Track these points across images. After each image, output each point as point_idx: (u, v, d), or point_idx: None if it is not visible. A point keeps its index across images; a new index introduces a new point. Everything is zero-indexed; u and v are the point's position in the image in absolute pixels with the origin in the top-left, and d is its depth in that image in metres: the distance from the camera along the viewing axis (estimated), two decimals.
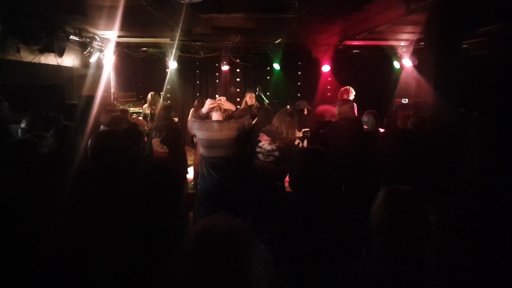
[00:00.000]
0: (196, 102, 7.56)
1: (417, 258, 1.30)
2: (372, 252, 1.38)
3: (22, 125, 3.92)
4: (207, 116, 4.13)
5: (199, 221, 1.09)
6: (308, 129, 6.67)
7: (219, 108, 4.05)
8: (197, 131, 4.05)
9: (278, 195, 3.94)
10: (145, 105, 8.04)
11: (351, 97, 6.40)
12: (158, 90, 8.41)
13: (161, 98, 8.29)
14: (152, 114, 7.63)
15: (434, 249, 1.30)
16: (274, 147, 3.96)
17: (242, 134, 4.09)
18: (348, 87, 6.62)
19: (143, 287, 1.70)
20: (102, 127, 4.34)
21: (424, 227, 1.31)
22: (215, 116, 4.06)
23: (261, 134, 4.06)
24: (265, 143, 4.00)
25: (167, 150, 4.84)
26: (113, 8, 4.95)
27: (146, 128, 7.15)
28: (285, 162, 3.99)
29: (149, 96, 7.96)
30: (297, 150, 2.45)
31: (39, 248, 1.66)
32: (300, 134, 7.16)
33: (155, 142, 4.88)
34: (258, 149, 4.02)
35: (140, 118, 7.45)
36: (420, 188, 1.41)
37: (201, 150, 4.12)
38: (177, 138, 5.05)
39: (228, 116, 4.30)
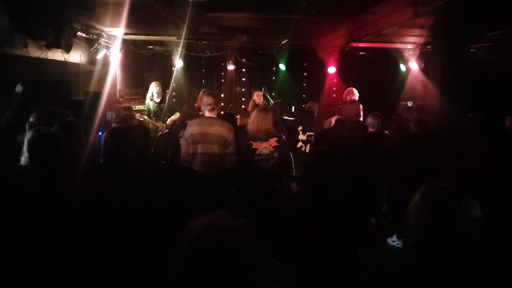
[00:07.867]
0: (201, 93, 7.06)
1: (453, 256, 1.28)
2: (407, 248, 1.35)
3: (31, 119, 3.90)
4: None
5: (198, 218, 1.09)
6: (313, 133, 6.69)
7: (212, 106, 4.11)
8: (190, 127, 4.08)
9: (279, 196, 3.98)
10: (150, 101, 7.30)
11: (355, 98, 6.47)
12: (163, 88, 8.28)
13: (167, 96, 7.93)
14: (159, 106, 7.10)
15: (473, 248, 1.27)
16: (272, 149, 3.96)
17: (232, 135, 4.06)
18: (351, 88, 6.71)
19: (141, 284, 1.71)
20: (113, 124, 4.35)
21: (463, 226, 1.28)
22: (208, 113, 4.14)
23: (252, 142, 3.99)
24: (260, 148, 3.97)
25: None
26: (120, 5, 4.98)
27: (157, 126, 6.93)
28: (284, 161, 4.05)
29: (156, 86, 7.24)
30: (306, 154, 2.50)
31: (41, 244, 1.66)
32: (304, 137, 7.16)
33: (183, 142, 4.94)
34: (256, 157, 3.96)
35: (145, 117, 7.10)
36: (460, 186, 1.38)
37: (191, 148, 4.04)
38: None
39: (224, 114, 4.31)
